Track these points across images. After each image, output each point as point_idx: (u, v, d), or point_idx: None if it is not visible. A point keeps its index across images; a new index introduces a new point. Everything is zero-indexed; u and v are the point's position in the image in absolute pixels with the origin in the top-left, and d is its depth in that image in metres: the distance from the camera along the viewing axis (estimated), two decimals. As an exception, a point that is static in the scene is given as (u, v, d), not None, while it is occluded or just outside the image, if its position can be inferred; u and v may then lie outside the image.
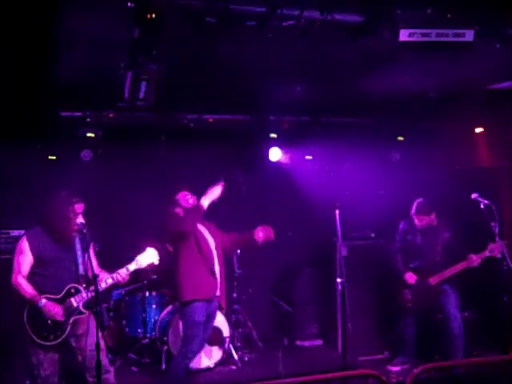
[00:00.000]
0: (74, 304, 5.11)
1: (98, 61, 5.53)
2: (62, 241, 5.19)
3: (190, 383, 6.52)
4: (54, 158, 7.58)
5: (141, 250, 5.45)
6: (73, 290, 5.14)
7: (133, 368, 7.00)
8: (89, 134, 7.41)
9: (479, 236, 6.46)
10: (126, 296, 7.40)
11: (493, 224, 5.73)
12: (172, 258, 6.02)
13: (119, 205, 7.94)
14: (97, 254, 5.56)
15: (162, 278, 7.50)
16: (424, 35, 4.84)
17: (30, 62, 5.24)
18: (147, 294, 7.22)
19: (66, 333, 5.07)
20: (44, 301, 5.01)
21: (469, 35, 4.86)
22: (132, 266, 5.33)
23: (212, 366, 6.89)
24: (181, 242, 5.85)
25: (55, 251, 5.17)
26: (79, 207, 5.23)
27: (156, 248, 5.53)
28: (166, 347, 6.82)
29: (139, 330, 7.16)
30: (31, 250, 5.11)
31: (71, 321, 5.09)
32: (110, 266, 5.48)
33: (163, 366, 6.80)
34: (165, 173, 8.06)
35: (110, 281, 5.24)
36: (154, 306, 7.26)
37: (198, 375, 6.64)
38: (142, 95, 5.48)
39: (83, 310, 5.14)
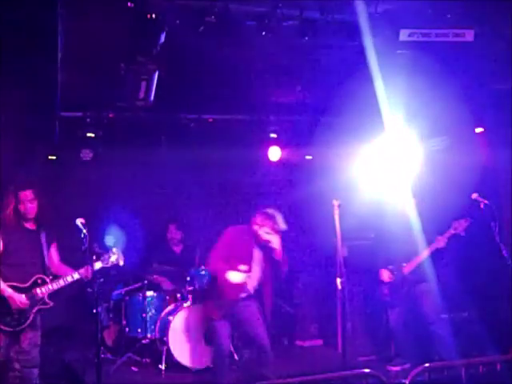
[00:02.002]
0: (40, 294, 5.19)
1: (98, 61, 5.53)
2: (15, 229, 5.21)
3: (190, 383, 6.52)
4: (54, 157, 7.58)
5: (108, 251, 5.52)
6: (39, 281, 5.22)
7: (133, 368, 6.99)
8: (89, 134, 7.41)
9: (478, 236, 6.44)
10: (126, 296, 7.38)
11: (493, 224, 5.72)
12: None
13: (118, 204, 7.94)
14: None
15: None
16: (424, 35, 4.85)
17: (30, 62, 5.25)
18: (147, 293, 7.22)
19: (29, 321, 5.14)
20: (10, 290, 5.08)
21: (469, 35, 4.87)
22: (98, 265, 5.34)
23: (212, 365, 6.87)
24: None
25: (19, 241, 5.22)
26: (25, 194, 5.19)
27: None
28: (165, 347, 6.81)
29: (139, 330, 7.15)
30: (2, 239, 5.19)
31: (35, 310, 5.17)
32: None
33: (163, 366, 6.80)
34: (165, 173, 8.05)
35: (76, 276, 5.25)
36: (153, 306, 7.25)
37: (198, 375, 6.63)
38: (141, 95, 5.49)
39: (47, 301, 5.22)
